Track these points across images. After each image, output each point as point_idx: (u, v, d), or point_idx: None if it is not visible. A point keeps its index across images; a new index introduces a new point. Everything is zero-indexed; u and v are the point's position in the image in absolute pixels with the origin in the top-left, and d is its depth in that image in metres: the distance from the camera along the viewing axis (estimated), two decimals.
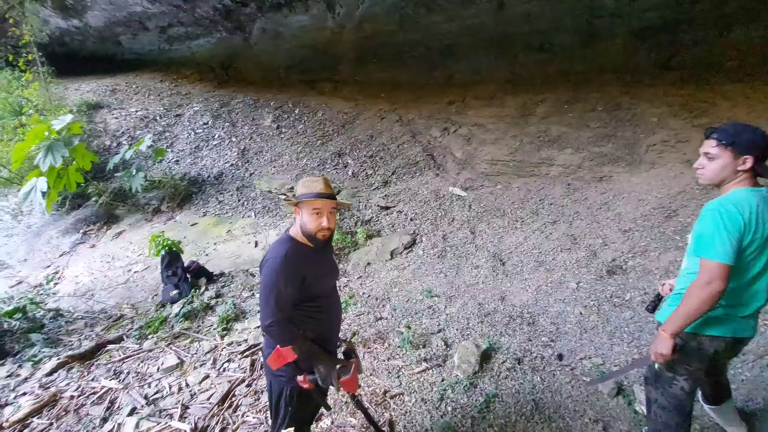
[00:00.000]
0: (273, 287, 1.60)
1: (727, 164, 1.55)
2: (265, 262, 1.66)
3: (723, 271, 1.45)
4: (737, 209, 1.46)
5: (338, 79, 9.69)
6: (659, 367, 1.74)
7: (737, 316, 1.58)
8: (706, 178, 1.62)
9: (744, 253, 1.49)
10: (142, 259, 5.61)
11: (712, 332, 1.60)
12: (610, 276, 3.49)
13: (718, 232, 1.46)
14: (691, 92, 5.37)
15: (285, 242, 1.70)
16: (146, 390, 2.96)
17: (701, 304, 1.49)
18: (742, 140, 1.51)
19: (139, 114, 9.35)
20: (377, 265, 4.62)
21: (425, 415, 2.37)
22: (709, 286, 1.47)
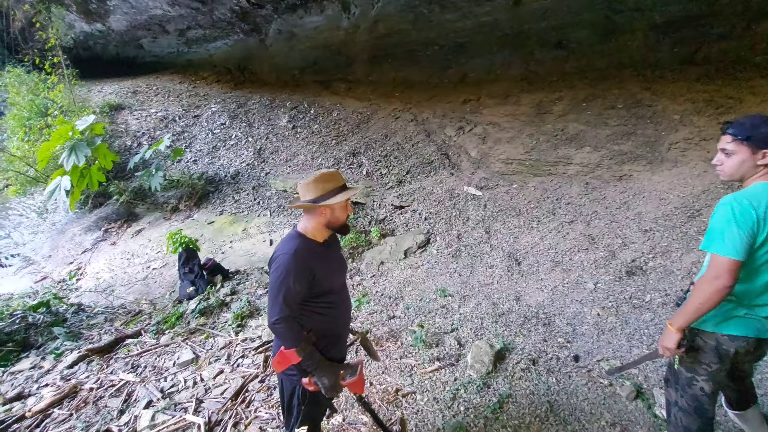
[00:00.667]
0: (282, 284, 1.60)
1: (745, 159, 1.49)
2: (274, 259, 1.66)
3: (731, 266, 1.39)
4: (751, 204, 1.39)
5: (352, 79, 9.72)
6: (678, 367, 1.67)
7: (759, 316, 1.51)
8: (726, 174, 1.57)
9: (760, 250, 1.42)
10: (161, 257, 5.74)
11: (732, 331, 1.53)
12: (629, 277, 3.39)
13: (729, 226, 1.40)
14: (716, 88, 5.18)
15: (294, 238, 1.70)
16: (162, 384, 3.01)
17: (707, 299, 1.44)
18: (759, 134, 1.45)
19: (158, 115, 9.58)
20: (391, 264, 4.60)
21: (437, 414, 2.35)
22: (716, 281, 1.41)
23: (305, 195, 1.69)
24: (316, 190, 1.67)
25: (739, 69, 5.32)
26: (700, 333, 1.59)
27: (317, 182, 1.68)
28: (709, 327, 1.57)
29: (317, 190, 1.67)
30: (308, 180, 1.69)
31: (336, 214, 1.70)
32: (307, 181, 1.69)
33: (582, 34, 6.72)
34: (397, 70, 9.03)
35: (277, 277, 1.61)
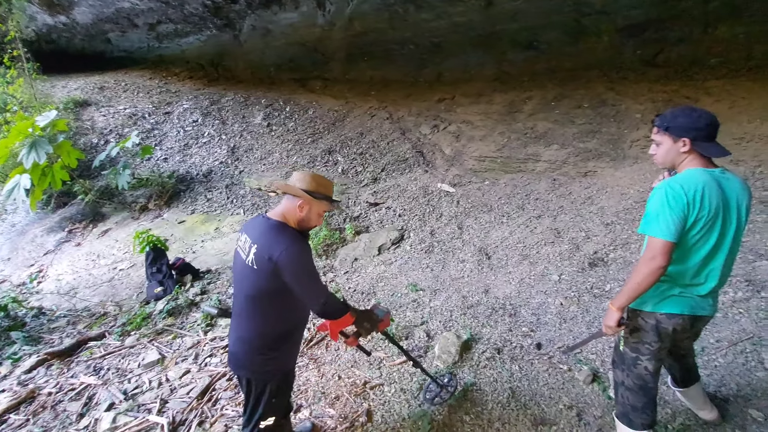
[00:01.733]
0: (309, 266, 1.65)
1: (669, 148, 1.60)
2: (282, 252, 1.57)
3: (665, 247, 1.48)
4: (682, 188, 1.48)
5: (329, 77, 9.68)
6: (623, 348, 1.76)
7: (693, 295, 1.60)
8: (659, 162, 1.68)
9: (691, 232, 1.51)
10: (128, 257, 5.57)
11: (669, 310, 1.62)
12: (591, 268, 3.52)
13: (662, 209, 1.49)
14: (675, 89, 5.43)
15: (286, 229, 1.68)
16: (126, 385, 2.94)
17: (644, 279, 1.52)
18: (676, 124, 1.56)
19: (127, 111, 9.28)
20: (364, 260, 4.62)
21: (403, 404, 2.38)
22: (651, 261, 1.50)
23: (301, 183, 1.72)
24: (313, 185, 1.71)
25: (696, 71, 5.59)
26: (641, 313, 1.68)
27: (316, 179, 1.73)
28: (648, 307, 1.66)
29: (313, 186, 1.71)
30: (309, 173, 1.76)
31: (311, 216, 1.72)
32: (307, 173, 1.76)
33: (552, 35, 6.92)
34: (374, 69, 9.06)
35: (305, 264, 1.63)
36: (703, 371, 2.31)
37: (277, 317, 1.71)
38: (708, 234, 1.52)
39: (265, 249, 1.59)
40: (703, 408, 1.99)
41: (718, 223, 1.50)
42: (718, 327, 2.61)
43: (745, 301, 2.79)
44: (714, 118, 1.56)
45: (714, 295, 1.65)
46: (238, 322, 1.77)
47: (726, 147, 1.57)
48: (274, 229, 1.65)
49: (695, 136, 1.53)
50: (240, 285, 1.74)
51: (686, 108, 1.60)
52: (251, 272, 1.65)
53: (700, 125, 1.53)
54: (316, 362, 2.88)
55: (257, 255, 1.61)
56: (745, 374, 2.26)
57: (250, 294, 1.69)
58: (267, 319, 1.70)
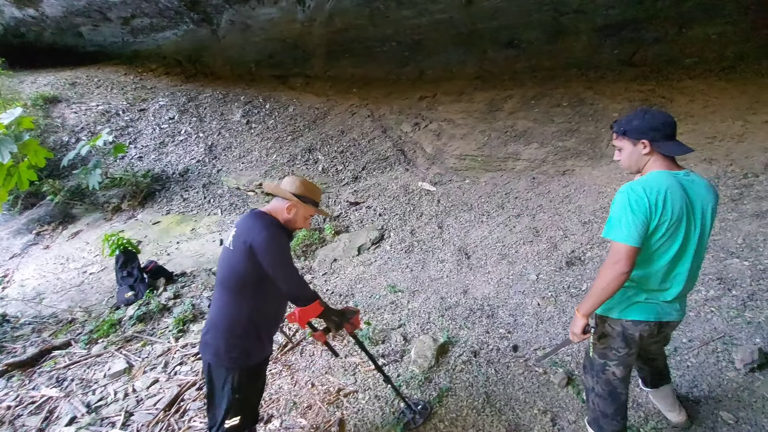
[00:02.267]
0: (286, 252, 1.73)
1: (631, 151, 1.59)
2: (258, 234, 1.65)
3: (628, 252, 1.45)
4: (644, 191, 1.45)
5: (310, 74, 9.53)
6: (592, 354, 1.74)
7: (659, 301, 1.59)
8: (624, 167, 1.67)
9: (654, 236, 1.48)
10: (99, 260, 5.37)
11: (634, 317, 1.60)
12: (569, 267, 3.53)
13: (624, 214, 1.46)
14: (651, 88, 5.50)
15: (267, 216, 1.76)
16: (89, 397, 2.81)
17: (607, 285, 1.50)
18: (632, 127, 1.56)
19: (100, 108, 8.95)
20: (344, 261, 4.55)
21: (377, 412, 2.32)
22: (614, 266, 1.47)
23: (290, 187, 1.81)
24: (301, 189, 1.81)
25: (671, 71, 5.68)
26: (608, 320, 1.67)
27: (306, 184, 1.84)
28: (614, 314, 1.64)
29: (301, 190, 1.81)
30: (299, 178, 1.85)
31: (297, 219, 1.81)
32: (297, 177, 1.85)
33: (532, 34, 6.94)
34: (356, 66, 8.95)
35: (277, 247, 1.69)
36: (675, 372, 2.32)
37: (246, 303, 1.73)
38: (672, 238, 1.49)
39: (242, 232, 1.70)
40: (672, 410, 1.99)
41: (681, 227, 1.48)
42: (691, 326, 2.63)
43: (716, 300, 2.82)
44: (668, 117, 1.54)
45: (681, 300, 1.63)
46: (212, 308, 1.83)
47: (699, 146, 1.56)
48: (256, 216, 1.75)
49: (653, 137, 1.52)
50: (219, 271, 1.80)
51: (639, 110, 1.60)
52: (228, 254, 1.74)
53: (655, 125, 1.52)
54: (289, 369, 2.81)
55: (235, 238, 1.72)
56: (716, 374, 2.27)
57: (224, 276, 1.75)
58: (236, 303, 1.73)
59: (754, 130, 4.51)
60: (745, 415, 2.01)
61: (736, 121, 4.66)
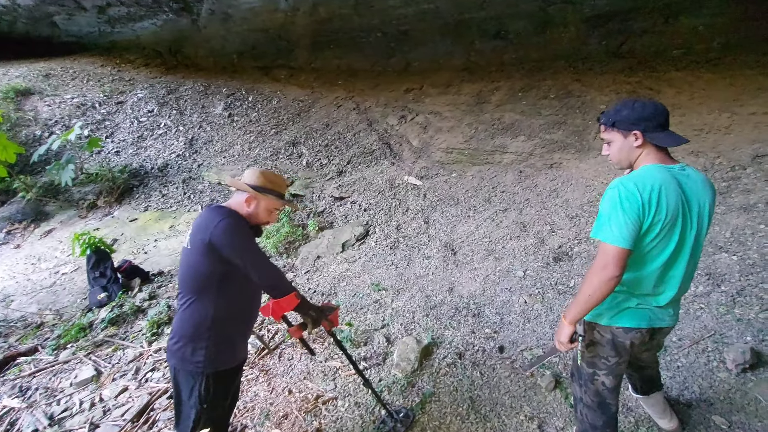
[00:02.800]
0: (251, 241, 1.61)
1: (621, 145, 1.46)
2: (216, 225, 1.54)
3: (618, 255, 1.32)
4: (637, 188, 1.32)
5: (294, 65, 9.29)
6: (581, 363, 1.64)
7: (651, 306, 1.47)
8: (614, 162, 1.54)
9: (647, 237, 1.36)
10: (72, 260, 5.13)
11: (625, 323, 1.49)
12: (556, 263, 3.45)
13: (615, 213, 1.33)
14: (638, 80, 5.44)
15: (224, 208, 1.65)
16: (53, 408, 2.64)
17: (596, 291, 1.36)
18: (621, 117, 1.43)
19: (75, 101, 8.61)
20: (327, 258, 4.41)
21: (357, 421, 2.21)
22: (603, 271, 1.33)
23: (248, 179, 1.73)
24: (260, 180, 1.72)
25: (659, 62, 5.62)
26: (597, 327, 1.55)
27: (265, 175, 1.74)
28: (604, 321, 1.53)
29: (260, 181, 1.72)
30: (259, 169, 1.77)
31: (259, 212, 1.71)
32: (258, 168, 1.77)
33: (519, 25, 6.82)
34: (341, 57, 8.74)
35: (241, 235, 1.58)
36: (665, 373, 2.25)
37: (210, 304, 1.62)
38: (666, 239, 1.37)
39: (199, 229, 1.58)
40: (663, 417, 1.91)
41: (677, 227, 1.36)
42: (680, 324, 2.56)
43: (705, 296, 2.77)
44: (660, 105, 1.42)
45: (674, 305, 1.52)
46: (176, 312, 1.71)
47: (686, 138, 1.44)
48: (213, 209, 1.63)
49: (645, 127, 1.39)
50: (179, 272, 1.70)
51: (628, 100, 1.46)
52: (186, 254, 1.64)
53: (646, 114, 1.39)
54: (266, 374, 2.67)
55: (192, 236, 1.61)
56: (707, 375, 2.21)
57: (184, 277, 1.65)
58: (200, 305, 1.62)
59: (741, 122, 4.47)
60: (738, 419, 1.94)
61: (723, 113, 4.62)
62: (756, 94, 4.61)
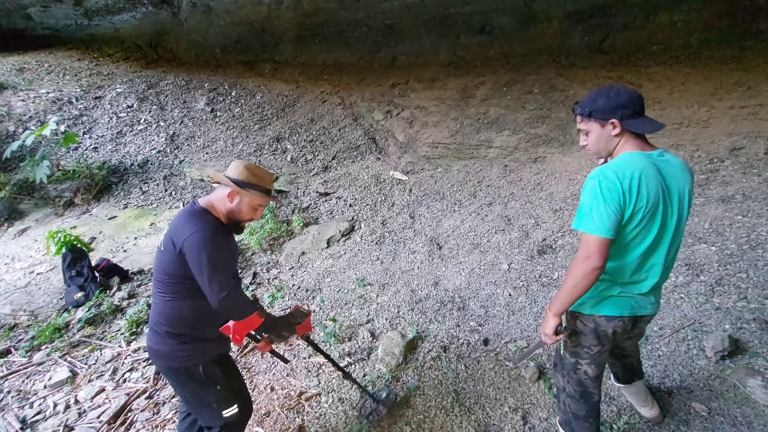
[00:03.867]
0: (215, 257, 1.47)
1: (599, 134, 1.44)
2: (188, 237, 1.47)
3: (600, 245, 1.31)
4: (617, 177, 1.31)
5: (279, 60, 9.15)
6: (563, 353, 1.64)
7: (634, 294, 1.48)
8: (593, 152, 1.52)
9: (629, 225, 1.36)
10: (48, 259, 4.97)
11: (607, 312, 1.49)
12: (540, 255, 3.47)
13: (596, 203, 1.32)
14: (620, 74, 5.50)
15: (202, 215, 1.57)
16: (26, 411, 2.55)
17: (579, 282, 1.36)
18: (597, 107, 1.41)
19: (51, 96, 8.32)
20: (312, 254, 4.35)
21: (340, 416, 2.18)
22: (586, 261, 1.33)
23: (231, 172, 1.63)
24: (244, 174, 1.61)
25: (639, 57, 5.69)
26: (580, 316, 1.55)
27: (250, 169, 1.63)
28: (586, 310, 1.52)
29: (244, 175, 1.61)
30: (243, 163, 1.65)
31: (241, 208, 1.61)
32: (242, 163, 1.65)
33: (504, 20, 6.83)
34: (326, 52, 8.64)
35: (208, 252, 1.46)
36: (647, 362, 2.28)
37: (183, 303, 1.59)
38: (648, 227, 1.36)
39: (172, 232, 1.54)
40: (645, 405, 1.92)
41: (658, 213, 1.36)
42: (661, 314, 2.60)
43: (685, 286, 2.81)
44: (635, 92, 1.41)
45: (656, 292, 1.52)
46: (151, 310, 1.68)
47: (666, 132, 1.47)
48: (190, 214, 1.57)
49: (622, 115, 1.38)
50: (154, 271, 1.66)
51: (603, 89, 1.45)
52: (159, 255, 1.59)
53: (623, 102, 1.38)
54: (249, 372, 2.62)
55: (165, 237, 1.56)
56: (687, 363, 2.24)
57: (158, 277, 1.60)
58: (173, 303, 1.59)
59: (719, 115, 4.56)
60: (717, 406, 1.97)
61: (702, 106, 4.70)
62: (733, 89, 4.70)
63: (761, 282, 2.67)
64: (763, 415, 1.91)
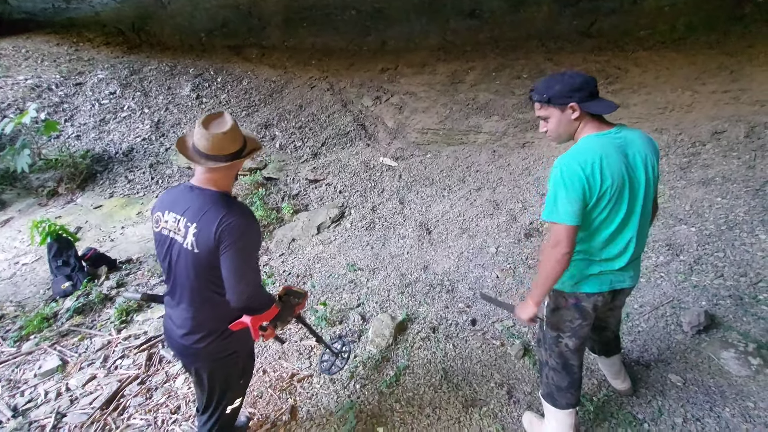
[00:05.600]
0: (255, 251, 1.41)
1: (559, 119, 1.46)
2: (238, 223, 1.32)
3: (567, 232, 1.38)
4: (579, 163, 1.35)
5: (267, 44, 8.97)
6: (546, 328, 1.70)
7: (614, 270, 1.53)
8: (554, 138, 1.55)
9: (598, 207, 1.41)
10: (33, 250, 4.89)
11: (588, 289, 1.55)
12: (527, 239, 3.53)
13: (560, 191, 1.37)
14: (607, 59, 5.53)
15: (235, 200, 1.42)
16: (17, 400, 2.54)
17: (552, 268, 1.43)
18: (555, 92, 1.43)
19: (29, 83, 8.07)
20: (302, 240, 4.36)
21: (332, 396, 2.23)
22: (555, 248, 1.40)
23: (233, 145, 1.38)
24: (240, 137, 1.42)
25: (626, 41, 5.72)
26: (562, 293, 1.61)
27: (237, 129, 1.40)
28: (567, 288, 1.59)
29: (241, 138, 1.42)
30: (228, 125, 1.38)
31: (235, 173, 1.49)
32: (227, 127, 1.37)
33: (494, 3, 6.78)
34: (315, 36, 8.50)
35: (255, 242, 1.40)
36: (627, 337, 2.37)
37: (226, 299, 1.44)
38: (617, 205, 1.42)
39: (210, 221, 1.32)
40: (617, 378, 2.01)
41: (625, 190, 1.41)
42: (642, 292, 2.69)
43: (665, 265, 2.90)
44: (587, 75, 1.44)
45: (634, 265, 1.58)
46: (181, 311, 1.49)
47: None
48: (221, 199, 1.37)
49: (580, 98, 1.40)
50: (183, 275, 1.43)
51: (555, 75, 1.47)
52: (194, 258, 1.37)
53: (578, 85, 1.41)
54: None
55: (198, 236, 1.34)
56: (665, 338, 2.33)
57: (195, 284, 1.42)
58: (219, 302, 1.44)
59: (702, 99, 4.63)
60: (692, 377, 2.06)
61: (686, 91, 4.77)
62: (716, 73, 4.77)
63: (737, 261, 2.77)
64: (735, 384, 2.01)
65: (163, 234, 1.45)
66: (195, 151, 1.40)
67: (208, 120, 1.40)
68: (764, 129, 4.02)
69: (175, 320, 1.51)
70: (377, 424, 2.04)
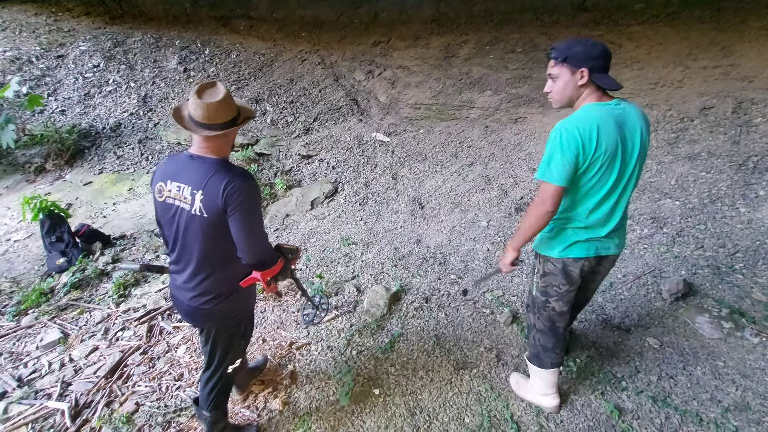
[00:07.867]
0: (259, 209, 1.49)
1: (567, 81, 1.50)
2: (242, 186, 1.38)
3: (554, 192, 1.47)
4: (577, 128, 1.41)
5: (255, 15, 8.68)
6: (535, 293, 1.79)
7: (600, 237, 1.62)
8: (556, 100, 1.59)
9: (589, 172, 1.48)
10: (24, 226, 4.86)
11: (575, 255, 1.64)
12: (517, 213, 3.62)
13: (556, 153, 1.44)
14: (601, 33, 5.49)
15: (231, 163, 1.47)
16: (21, 371, 2.61)
17: (534, 223, 1.55)
18: (574, 53, 1.47)
19: (8, 55, 7.76)
20: (296, 216, 4.40)
21: (330, 362, 2.33)
22: (541, 206, 1.50)
23: (227, 114, 1.42)
24: (234, 106, 1.45)
25: (621, 16, 5.67)
26: (550, 259, 1.70)
27: (230, 97, 1.43)
28: (555, 253, 1.67)
29: (235, 107, 1.46)
30: (221, 94, 1.41)
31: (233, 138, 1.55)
32: (221, 95, 1.40)
33: None
34: (305, 7, 8.24)
35: (255, 205, 1.45)
36: (610, 304, 2.50)
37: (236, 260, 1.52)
38: (608, 173, 1.48)
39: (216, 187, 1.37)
40: None
41: (617, 160, 1.47)
42: (626, 263, 2.80)
43: (649, 237, 3.01)
44: (607, 48, 1.49)
45: (619, 233, 1.66)
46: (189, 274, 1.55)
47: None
48: (222, 165, 1.42)
49: (592, 66, 1.45)
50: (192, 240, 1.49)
51: (579, 38, 1.53)
52: (203, 223, 1.43)
53: (596, 54, 1.45)
54: None
55: (206, 201, 1.39)
56: (645, 305, 2.46)
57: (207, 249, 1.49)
58: (228, 265, 1.55)
59: (692, 75, 4.67)
60: (668, 340, 2.20)
61: (677, 66, 4.80)
62: (707, 48, 4.79)
63: (717, 233, 2.89)
64: (708, 346, 2.15)
65: (167, 203, 1.49)
66: (191, 121, 1.44)
67: (202, 89, 1.44)
68: (751, 105, 4.09)
69: (183, 285, 1.58)
70: (373, 386, 2.15)
